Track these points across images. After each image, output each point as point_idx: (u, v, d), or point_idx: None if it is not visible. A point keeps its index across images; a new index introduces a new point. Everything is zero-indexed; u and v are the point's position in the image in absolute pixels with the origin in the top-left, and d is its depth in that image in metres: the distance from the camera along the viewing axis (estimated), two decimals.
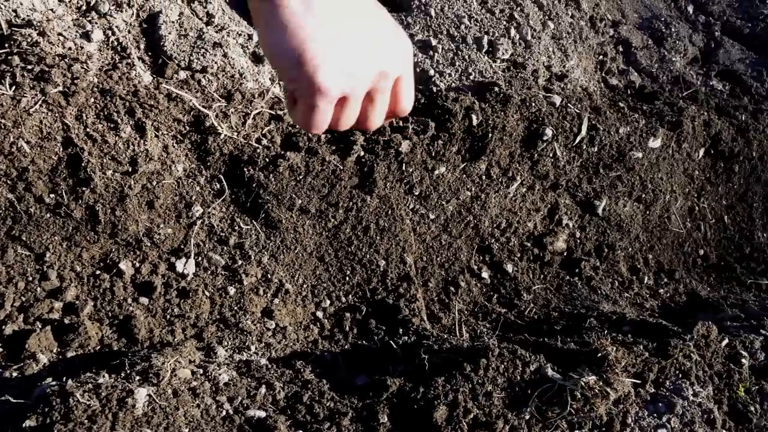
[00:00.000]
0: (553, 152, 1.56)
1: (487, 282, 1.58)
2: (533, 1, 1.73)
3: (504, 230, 1.60)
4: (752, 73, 2.21)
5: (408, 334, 1.38)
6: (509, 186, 1.56)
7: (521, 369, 1.16)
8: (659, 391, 1.23)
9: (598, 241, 1.69)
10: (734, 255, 1.94)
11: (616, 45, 1.99)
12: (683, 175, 1.82)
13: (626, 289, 1.66)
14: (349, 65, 0.63)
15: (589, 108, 1.60)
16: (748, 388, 1.32)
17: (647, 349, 1.28)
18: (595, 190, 1.65)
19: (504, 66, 1.60)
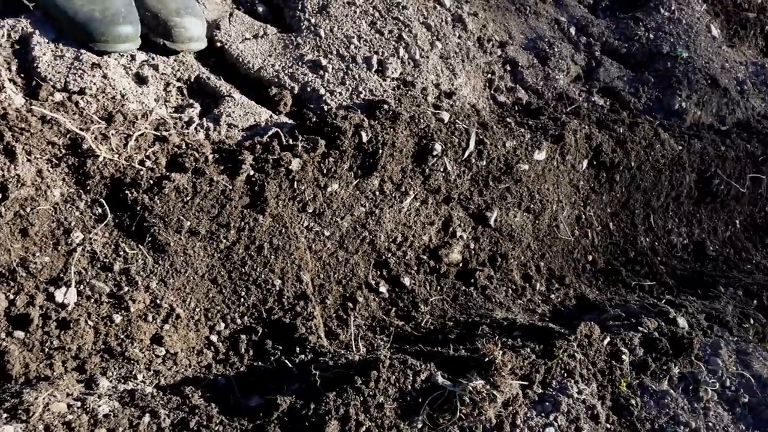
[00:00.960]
0: (444, 167, 1.61)
1: (385, 296, 1.60)
2: (421, 23, 1.79)
3: (400, 244, 1.63)
4: (630, 89, 2.37)
5: (305, 353, 1.37)
6: (403, 201, 1.60)
7: (412, 378, 1.18)
8: (546, 391, 1.28)
9: (491, 251, 1.75)
10: (620, 259, 2.06)
11: (503, 64, 2.09)
12: (569, 185, 1.92)
13: (519, 296, 1.73)
14: None
15: (476, 123, 1.66)
16: (630, 383, 1.39)
17: (534, 352, 1.34)
18: (486, 202, 1.71)
19: (394, 84, 1.64)
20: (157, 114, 1.37)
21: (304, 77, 1.57)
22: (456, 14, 1.90)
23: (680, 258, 2.18)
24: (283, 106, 1.53)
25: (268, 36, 1.61)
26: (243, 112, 1.49)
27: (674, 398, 1.39)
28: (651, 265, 2.07)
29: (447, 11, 1.88)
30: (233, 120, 1.47)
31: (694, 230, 2.28)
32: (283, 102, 1.53)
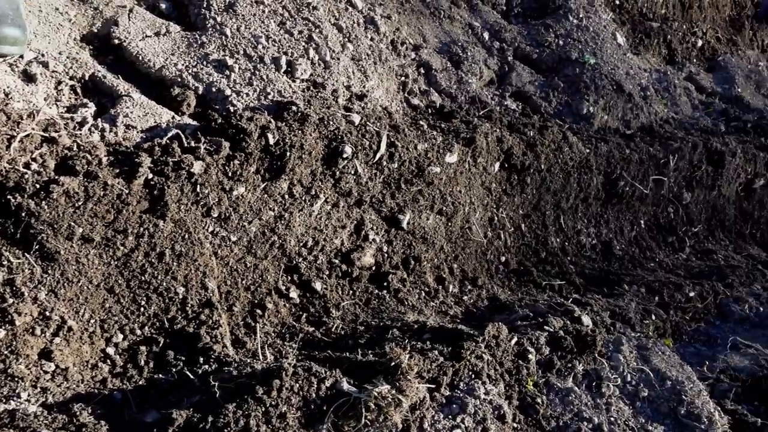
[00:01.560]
0: (355, 169, 1.59)
1: (296, 302, 1.57)
2: (332, 24, 1.77)
3: (311, 248, 1.60)
4: (541, 94, 2.43)
5: (209, 363, 1.32)
6: (313, 204, 1.57)
7: (317, 386, 1.15)
8: (454, 393, 1.29)
9: (404, 254, 1.75)
10: (532, 260, 2.10)
11: (417, 67, 2.09)
12: (481, 187, 1.94)
13: (432, 299, 1.73)
14: None
15: (388, 126, 1.66)
16: (536, 382, 1.42)
17: (443, 354, 1.34)
18: (399, 205, 1.71)
19: (304, 86, 1.62)
20: (45, 114, 1.28)
21: (209, 77, 1.52)
22: (368, 16, 1.89)
23: (589, 257, 2.25)
24: (186, 107, 1.48)
25: (171, 34, 1.55)
26: (142, 112, 1.42)
27: (578, 395, 1.42)
28: (561, 264, 2.13)
29: (359, 13, 1.87)
30: (131, 121, 1.40)
31: (602, 230, 2.36)
32: (187, 102, 1.47)
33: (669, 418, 1.46)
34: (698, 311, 2.02)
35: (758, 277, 2.34)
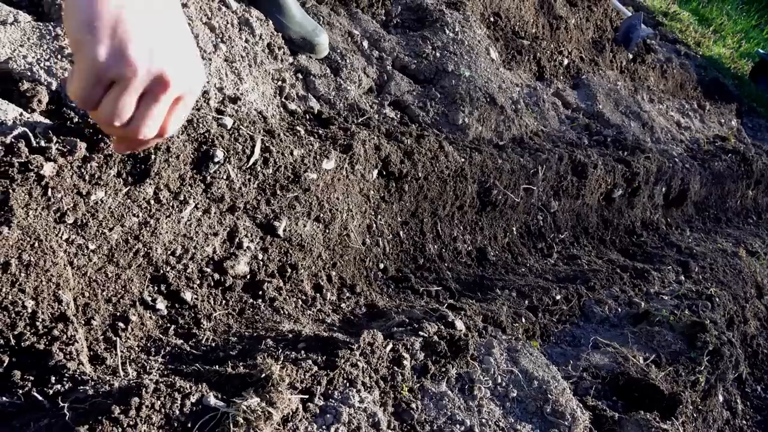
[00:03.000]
0: (227, 174, 1.53)
1: (164, 313, 1.48)
2: (204, 23, 1.70)
3: (180, 257, 1.52)
4: (419, 103, 2.48)
5: (62, 382, 1.20)
6: (182, 210, 1.49)
7: (180, 402, 1.08)
8: (328, 402, 1.26)
9: (281, 262, 1.70)
10: (410, 266, 2.13)
11: (296, 72, 2.06)
12: (359, 194, 1.94)
13: (310, 307, 1.70)
14: (134, 54, 0.61)
15: (263, 130, 1.61)
16: (411, 387, 1.42)
17: (317, 363, 1.31)
18: (275, 212, 1.67)
19: None
20: None
21: (65, 72, 1.40)
22: (243, 17, 1.84)
23: (465, 264, 2.32)
24: (37, 104, 1.35)
25: (20, 23, 1.41)
26: None
27: (451, 398, 1.44)
28: (438, 271, 2.17)
29: (233, 14, 1.81)
30: None
31: (477, 237, 2.44)
32: (37, 99, 1.35)
33: (536, 417, 1.52)
34: (564, 313, 2.13)
35: (616, 280, 2.52)
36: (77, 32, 0.61)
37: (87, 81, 0.63)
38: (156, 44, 0.65)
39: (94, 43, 0.61)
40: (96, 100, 0.64)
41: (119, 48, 0.62)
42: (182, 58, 0.69)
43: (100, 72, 0.63)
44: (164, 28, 0.67)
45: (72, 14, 0.62)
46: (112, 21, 0.62)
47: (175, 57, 0.67)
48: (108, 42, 0.62)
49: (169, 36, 0.67)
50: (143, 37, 0.64)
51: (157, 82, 0.66)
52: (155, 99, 0.67)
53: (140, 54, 0.63)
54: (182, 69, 0.68)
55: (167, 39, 0.67)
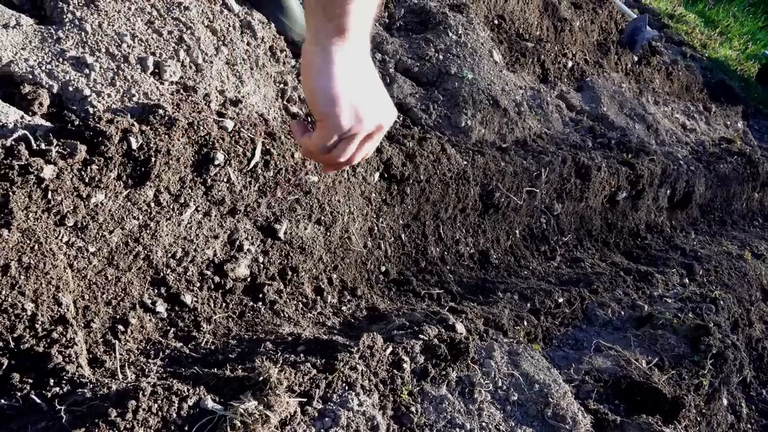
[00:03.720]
0: (228, 177, 1.53)
1: (164, 316, 1.48)
2: (206, 26, 1.70)
3: (180, 259, 1.52)
4: (421, 106, 2.48)
5: (60, 385, 1.21)
6: (182, 213, 1.49)
7: (178, 405, 1.08)
8: (327, 406, 1.26)
9: (282, 265, 1.70)
10: (412, 269, 2.13)
11: (297, 75, 2.06)
12: (361, 197, 1.94)
13: (310, 310, 1.70)
14: (362, 114, 0.90)
15: (264, 133, 1.61)
16: (411, 391, 1.42)
17: (316, 366, 1.31)
18: (275, 214, 1.67)
19: (173, 89, 1.54)
20: None
21: (66, 75, 1.41)
22: (245, 20, 1.84)
23: (467, 266, 2.31)
24: (38, 107, 1.35)
25: (23, 27, 1.42)
26: None
27: (451, 402, 1.44)
28: (440, 274, 2.17)
29: (235, 16, 1.82)
30: None
31: (479, 240, 2.43)
32: (39, 102, 1.35)
33: (537, 420, 1.51)
34: (567, 316, 2.12)
35: (620, 283, 2.50)
36: (324, 107, 0.88)
37: (331, 139, 0.91)
38: (372, 105, 0.92)
39: (338, 114, 0.88)
40: (331, 149, 0.93)
41: (355, 115, 0.90)
42: (385, 106, 0.97)
43: (342, 134, 0.90)
44: (373, 90, 0.94)
45: (316, 94, 0.88)
46: (346, 97, 0.88)
47: (381, 108, 0.95)
48: (347, 113, 0.89)
49: (377, 95, 0.95)
50: (366, 103, 0.91)
51: (376, 130, 0.95)
52: (370, 139, 0.96)
53: (367, 117, 0.91)
54: (386, 115, 0.97)
55: (376, 98, 0.94)
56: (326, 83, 0.87)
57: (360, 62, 0.92)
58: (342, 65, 0.88)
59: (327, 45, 0.87)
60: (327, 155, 0.94)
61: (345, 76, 0.88)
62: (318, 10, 0.86)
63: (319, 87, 0.88)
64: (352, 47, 0.89)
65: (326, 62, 0.87)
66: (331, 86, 0.87)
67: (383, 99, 0.97)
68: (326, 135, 0.90)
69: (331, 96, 0.87)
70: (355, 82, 0.90)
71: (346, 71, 0.88)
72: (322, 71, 0.87)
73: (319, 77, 0.87)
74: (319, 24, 0.87)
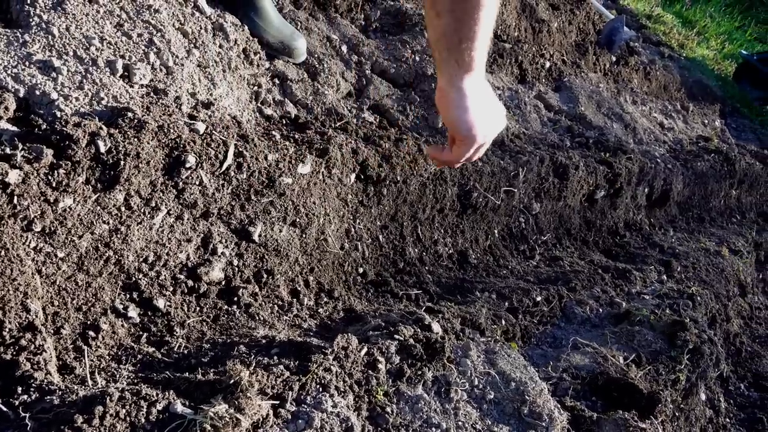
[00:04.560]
0: (200, 180, 1.52)
1: (136, 321, 1.46)
2: (176, 28, 1.69)
3: (153, 264, 1.51)
4: (398, 107, 2.48)
5: (29, 393, 1.19)
6: (154, 216, 1.48)
7: (146, 410, 1.07)
8: (300, 408, 1.25)
9: (257, 268, 1.69)
10: (390, 270, 2.12)
11: (272, 77, 2.06)
12: (337, 198, 1.93)
13: (286, 312, 1.69)
14: (488, 132, 1.21)
15: (236, 135, 1.60)
16: (386, 391, 1.42)
17: (289, 368, 1.30)
18: (250, 217, 1.66)
19: (143, 92, 1.52)
20: None
21: (33, 79, 1.39)
22: (217, 23, 1.83)
23: (446, 267, 2.31)
24: (3, 111, 1.34)
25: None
26: None
27: (427, 402, 1.43)
28: (419, 274, 2.17)
29: (207, 19, 1.81)
30: None
31: (458, 240, 2.43)
32: (4, 106, 1.33)
33: (513, 418, 1.51)
34: (545, 314, 2.13)
35: (598, 281, 2.52)
36: (465, 133, 1.17)
37: (470, 154, 1.24)
38: (493, 121, 1.22)
39: (475, 135, 1.18)
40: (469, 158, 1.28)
41: (485, 133, 1.20)
42: (500, 116, 1.25)
43: (476, 150, 1.25)
44: (493, 108, 1.21)
45: (458, 124, 1.17)
46: (479, 122, 1.16)
47: (499, 119, 1.25)
48: (481, 133, 1.18)
49: (495, 110, 1.23)
50: (490, 122, 1.20)
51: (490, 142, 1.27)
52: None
53: (491, 131, 1.22)
54: (502, 123, 1.26)
55: (495, 113, 1.23)
56: (464, 115, 1.14)
57: (483, 89, 1.16)
58: (473, 97, 1.13)
59: (460, 85, 1.12)
60: (460, 163, 1.32)
61: (476, 106, 1.14)
62: (451, 60, 1.08)
63: (459, 118, 1.15)
64: (477, 79, 1.13)
65: (461, 98, 1.13)
66: (468, 117, 1.14)
67: (499, 111, 1.24)
68: (467, 150, 1.21)
69: (470, 124, 1.15)
70: (483, 108, 1.16)
71: (476, 101, 1.14)
72: (460, 106, 1.14)
73: (458, 110, 1.14)
74: (452, 69, 1.10)
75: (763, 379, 2.75)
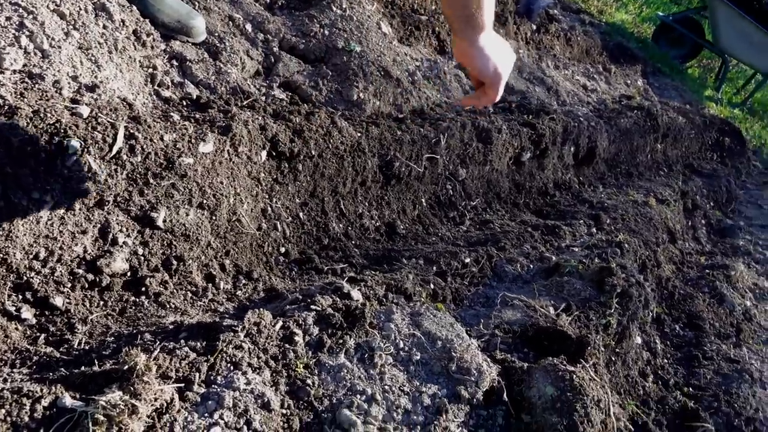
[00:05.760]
0: (88, 166, 1.43)
1: (32, 322, 1.37)
2: (51, 10, 1.58)
3: (45, 260, 1.41)
4: (310, 83, 2.41)
5: None
6: (40, 209, 1.38)
7: (30, 407, 0.99)
8: (211, 389, 1.19)
9: (164, 255, 1.61)
10: (314, 247, 2.07)
11: (169, 59, 1.96)
12: (248, 177, 1.86)
13: (200, 298, 1.62)
14: (508, 70, 1.38)
15: (127, 117, 1.51)
16: (307, 363, 1.36)
17: (195, 350, 1.23)
18: (150, 202, 1.57)
19: (16, 78, 1.42)
20: None
21: None
22: (99, 3, 1.73)
23: (373, 239, 2.27)
24: None
25: None
26: None
27: (350, 369, 1.39)
28: (344, 249, 2.12)
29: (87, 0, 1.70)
30: None
31: (384, 212, 2.39)
32: None
33: (442, 377, 1.48)
34: (475, 275, 2.12)
35: (528, 239, 2.52)
36: (493, 77, 1.34)
37: (500, 91, 1.38)
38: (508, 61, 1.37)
39: (500, 76, 1.35)
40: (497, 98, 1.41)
41: (506, 72, 1.36)
42: (510, 56, 1.39)
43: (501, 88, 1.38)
44: (505, 52, 1.37)
45: (484, 71, 1.33)
46: (500, 65, 1.34)
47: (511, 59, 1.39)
48: (504, 73, 1.35)
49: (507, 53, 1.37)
50: (506, 63, 1.36)
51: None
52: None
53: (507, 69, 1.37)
54: (512, 60, 1.40)
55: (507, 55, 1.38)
56: (488, 62, 1.32)
57: (495, 39, 1.34)
58: (490, 48, 1.32)
59: (478, 43, 1.30)
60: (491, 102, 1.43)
61: (494, 53, 1.32)
62: (468, 28, 1.28)
63: (485, 66, 1.33)
64: (489, 32, 1.31)
65: (481, 51, 1.31)
66: (491, 63, 1.32)
67: (508, 49, 1.39)
68: (497, 90, 1.37)
69: (493, 67, 1.33)
70: (498, 53, 1.33)
71: (493, 50, 1.32)
72: (482, 56, 1.31)
73: (482, 61, 1.32)
74: (469, 34, 1.29)
75: (697, 318, 2.82)
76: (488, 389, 1.50)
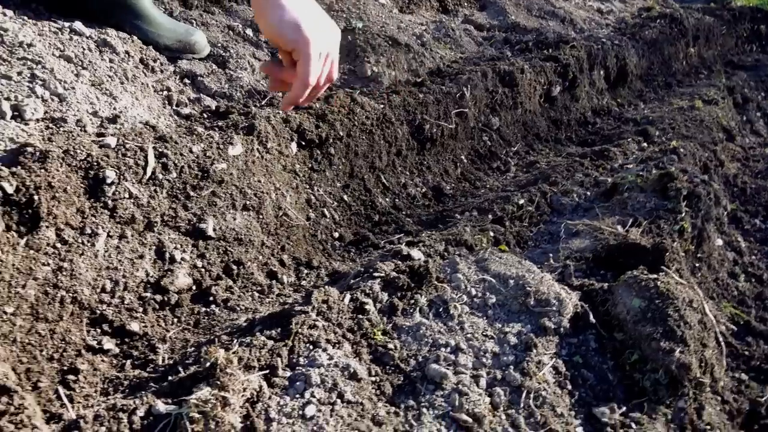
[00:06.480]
0: (129, 192, 1.45)
1: (115, 351, 1.40)
2: (58, 56, 1.62)
3: (113, 291, 1.44)
4: None
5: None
6: (95, 243, 1.41)
7: (127, 420, 1.00)
8: (296, 371, 1.18)
9: (223, 262, 1.62)
10: (366, 226, 2.05)
11: (181, 79, 1.98)
12: (284, 171, 1.86)
13: (267, 295, 1.62)
14: (323, 34, 1.02)
15: (153, 139, 1.53)
16: (384, 330, 1.35)
17: (272, 338, 1.23)
18: (196, 214, 1.59)
19: (41, 126, 1.45)
20: None
21: None
22: (100, 40, 1.75)
23: (423, 206, 2.24)
24: None
25: None
26: None
27: (429, 326, 1.37)
28: (396, 221, 2.09)
29: (88, 39, 1.73)
30: None
31: (427, 177, 2.36)
32: None
33: (522, 314, 1.44)
34: (533, 215, 2.06)
35: (578, 168, 2.45)
36: (291, 35, 1.01)
37: (315, 59, 1.04)
38: (324, 25, 1.08)
39: (307, 40, 1.02)
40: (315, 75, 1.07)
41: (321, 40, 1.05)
42: (331, 26, 1.11)
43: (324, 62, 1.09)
44: (319, 13, 1.08)
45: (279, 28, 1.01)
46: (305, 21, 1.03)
47: (330, 28, 1.11)
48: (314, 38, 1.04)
49: (322, 17, 1.09)
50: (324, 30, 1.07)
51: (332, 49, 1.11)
52: (327, 59, 1.09)
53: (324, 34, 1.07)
54: (335, 33, 1.14)
55: (323, 19, 1.08)
56: (282, 14, 0.98)
57: (308, 2, 1.05)
58: (290, 2, 1.00)
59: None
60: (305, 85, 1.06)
61: (294, 5, 1.00)
62: None
63: (278, 21, 0.99)
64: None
65: (274, 3, 0.99)
66: (289, 15, 0.98)
67: (327, 20, 1.11)
68: (309, 62, 1.01)
69: (295, 22, 0.99)
70: (304, 7, 1.02)
71: (294, 3, 1.00)
72: (274, 6, 0.99)
73: (273, 12, 0.99)
74: None
75: None
76: (573, 316, 1.45)
